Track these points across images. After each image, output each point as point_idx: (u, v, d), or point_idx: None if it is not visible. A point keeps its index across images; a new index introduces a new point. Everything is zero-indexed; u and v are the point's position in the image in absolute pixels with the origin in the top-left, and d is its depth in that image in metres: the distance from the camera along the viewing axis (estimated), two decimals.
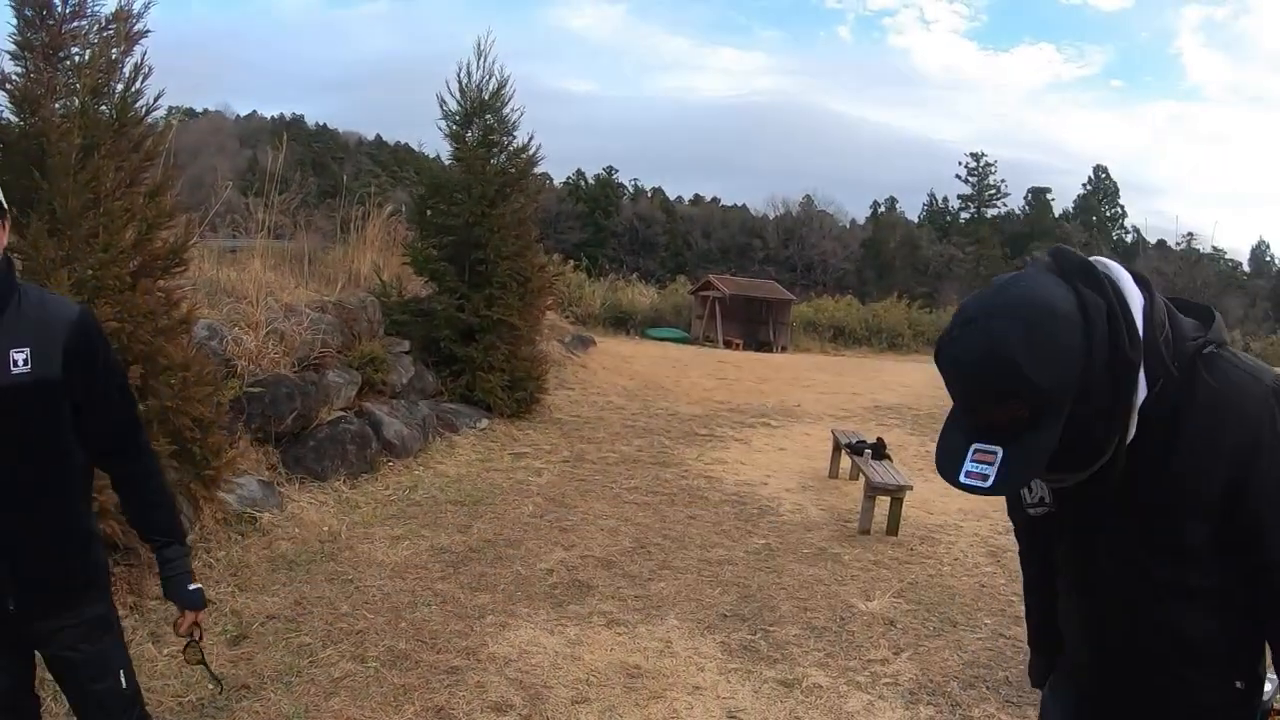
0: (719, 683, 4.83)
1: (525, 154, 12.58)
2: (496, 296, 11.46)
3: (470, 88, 12.34)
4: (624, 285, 39.08)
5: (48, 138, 5.30)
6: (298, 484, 7.73)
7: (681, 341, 31.54)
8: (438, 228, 12.12)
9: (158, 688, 4.51)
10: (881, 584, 6.51)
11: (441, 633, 5.33)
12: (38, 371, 2.41)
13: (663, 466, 9.98)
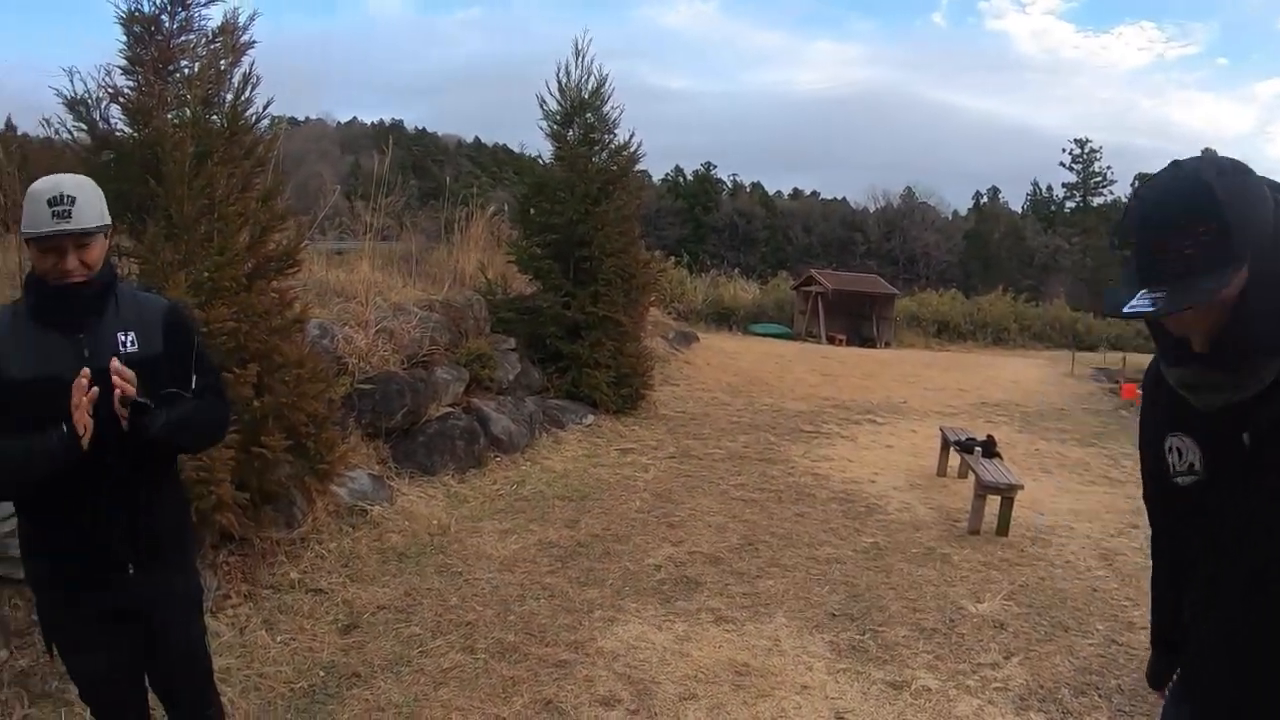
0: (827, 683, 4.77)
1: (626, 151, 12.59)
2: (602, 293, 11.49)
3: (570, 87, 12.38)
4: (725, 281, 38.97)
5: (162, 146, 5.49)
6: (407, 478, 7.85)
7: (784, 337, 31.26)
8: (541, 226, 12.19)
9: (270, 674, 4.65)
10: (991, 586, 6.35)
11: (550, 626, 5.37)
12: (144, 350, 2.76)
13: (769, 463, 9.89)
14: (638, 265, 12.36)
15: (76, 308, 2.66)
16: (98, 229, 2.64)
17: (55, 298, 2.65)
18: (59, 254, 2.59)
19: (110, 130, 5.93)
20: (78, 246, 2.60)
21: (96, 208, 2.65)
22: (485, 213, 14.28)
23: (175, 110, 5.84)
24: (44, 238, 2.56)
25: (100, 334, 2.69)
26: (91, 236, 2.63)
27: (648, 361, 12.70)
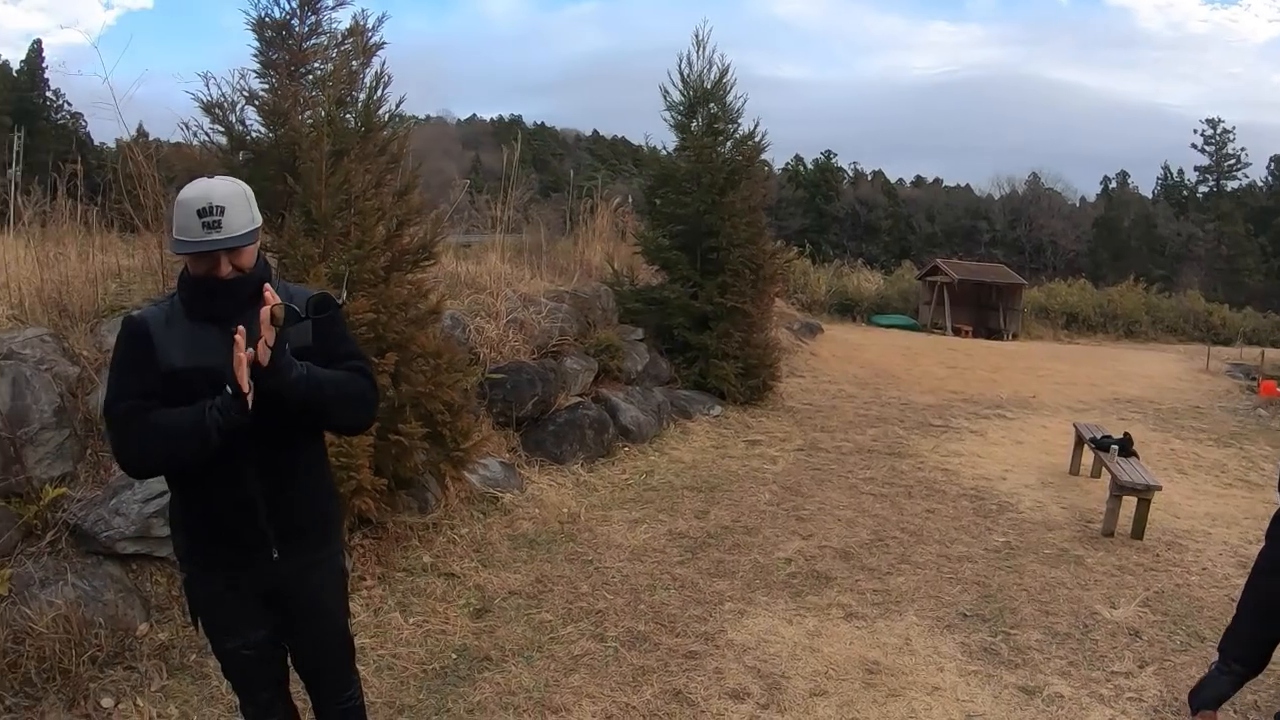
0: (958, 685, 4.70)
1: (751, 141, 12.51)
2: (729, 284, 11.47)
3: (692, 78, 12.37)
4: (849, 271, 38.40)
5: (299, 146, 5.70)
6: (537, 466, 8.01)
7: (909, 328, 30.60)
8: (668, 217, 12.28)
9: (404, 654, 4.80)
10: (1126, 591, 6.15)
11: (680, 617, 5.42)
12: (294, 341, 2.78)
13: (898, 457, 9.78)
14: (765, 256, 12.27)
15: (230, 304, 2.73)
16: (247, 238, 2.71)
17: (208, 294, 2.74)
18: (212, 262, 2.68)
19: (246, 131, 6.18)
20: (229, 252, 2.69)
21: (246, 214, 2.73)
22: (609, 204, 14.38)
23: (309, 111, 6.05)
24: (197, 250, 2.65)
25: (253, 327, 2.67)
26: (242, 244, 2.72)
27: (774, 353, 12.64)
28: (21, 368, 5.18)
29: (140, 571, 5.17)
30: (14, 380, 5.08)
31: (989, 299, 34.45)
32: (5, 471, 4.94)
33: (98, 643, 4.48)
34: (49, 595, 4.53)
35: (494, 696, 4.46)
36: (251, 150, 6.16)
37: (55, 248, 6.87)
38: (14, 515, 4.88)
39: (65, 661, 4.31)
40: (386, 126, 6.35)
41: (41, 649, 4.29)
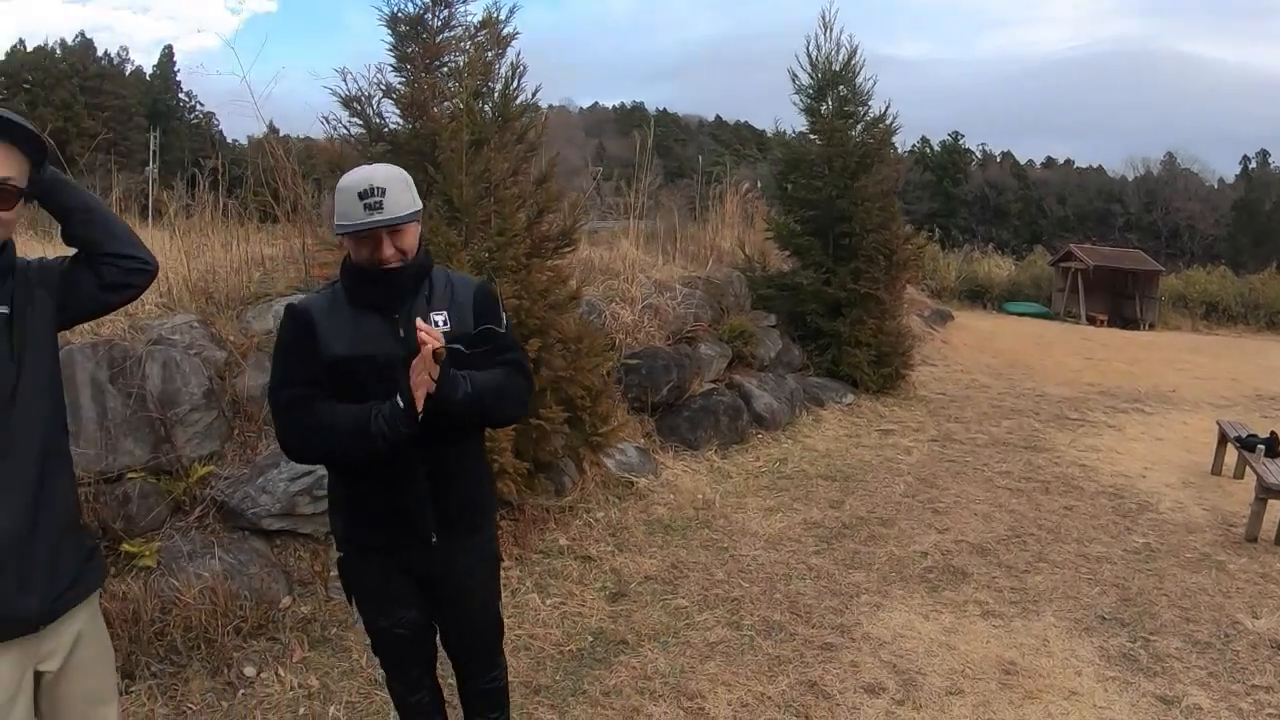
0: (1095, 690, 4.50)
1: (882, 124, 12.25)
2: (863, 270, 11.25)
3: (820, 60, 12.16)
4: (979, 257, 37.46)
5: (440, 136, 5.77)
6: (671, 452, 8.00)
7: (1041, 317, 29.64)
8: (799, 202, 12.10)
9: (540, 635, 4.83)
10: (1270, 601, 5.79)
11: (816, 608, 5.33)
12: (457, 330, 2.86)
13: (1034, 451, 9.48)
14: (898, 241, 12.01)
15: (392, 292, 2.79)
16: (409, 216, 2.72)
17: (371, 283, 2.77)
18: (374, 244, 2.70)
19: (383, 123, 6.31)
20: (392, 234, 2.71)
21: (406, 196, 2.74)
22: (739, 189, 14.27)
23: (448, 102, 6.14)
24: (358, 231, 2.68)
25: (415, 314, 2.76)
26: (404, 224, 2.73)
27: (907, 340, 12.41)
28: (171, 352, 5.36)
29: (284, 547, 5.34)
30: (164, 364, 5.26)
31: (1125, 286, 33.17)
32: (156, 450, 5.13)
33: (242, 614, 4.63)
34: (196, 568, 4.70)
35: (629, 680, 4.45)
36: (389, 142, 6.27)
37: (200, 239, 7.10)
38: (164, 492, 5.07)
39: (210, 631, 4.47)
40: (523, 115, 6.40)
41: (188, 619, 4.45)
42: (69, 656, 2.45)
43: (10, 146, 2.20)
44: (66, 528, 2.41)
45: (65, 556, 2.39)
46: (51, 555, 2.34)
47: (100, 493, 4.80)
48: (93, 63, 61.70)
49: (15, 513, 2.25)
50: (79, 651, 2.47)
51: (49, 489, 2.34)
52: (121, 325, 5.53)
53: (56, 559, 2.35)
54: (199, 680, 4.28)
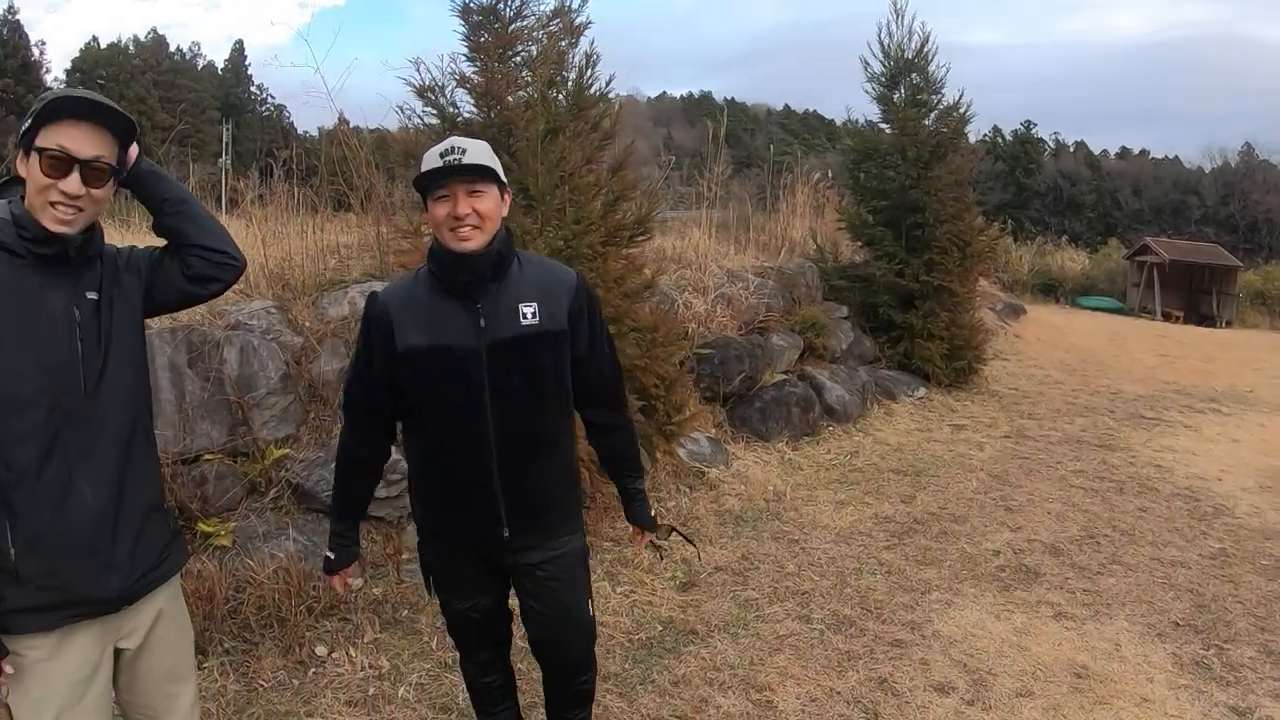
0: (1167, 698, 4.37)
1: (956, 112, 12.03)
2: (936, 261, 11.07)
3: (892, 48, 11.96)
4: (1052, 250, 36.83)
5: (514, 125, 5.80)
6: (743, 443, 7.97)
7: (1115, 312, 29.12)
8: (871, 192, 11.92)
9: (610, 623, 4.82)
10: None
11: (886, 603, 5.28)
12: (546, 323, 2.77)
13: (1109, 450, 9.28)
14: (972, 232, 11.80)
15: (472, 278, 2.70)
16: (488, 169, 2.66)
17: (452, 265, 2.70)
18: (452, 201, 2.64)
19: (457, 113, 6.34)
20: (470, 193, 2.65)
21: (488, 157, 2.69)
22: (811, 179, 14.15)
23: (522, 91, 6.17)
24: (434, 173, 2.63)
25: (499, 304, 2.73)
26: (482, 179, 2.67)
27: (980, 334, 12.16)
28: (249, 337, 5.46)
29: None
30: (242, 349, 5.36)
31: (1201, 282, 32.46)
32: (233, 433, 5.23)
33: (315, 594, 4.70)
34: (270, 548, 4.78)
35: (699, 671, 4.44)
36: (464, 131, 6.28)
37: (275, 227, 7.21)
38: (240, 473, 5.18)
39: (283, 610, 4.54)
40: (597, 104, 6.40)
41: (261, 598, 4.53)
42: (148, 634, 2.49)
43: (99, 127, 2.22)
44: (150, 511, 2.45)
45: (148, 539, 2.42)
46: (134, 538, 2.37)
47: (177, 474, 4.90)
48: (165, 58, 63.07)
49: (101, 495, 2.28)
50: (158, 629, 2.51)
51: (134, 472, 2.37)
52: (200, 311, 5.62)
53: (139, 541, 2.38)
54: (271, 658, 4.34)
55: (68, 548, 2.25)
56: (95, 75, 57.74)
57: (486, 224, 2.68)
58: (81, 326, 2.28)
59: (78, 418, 2.25)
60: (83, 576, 2.27)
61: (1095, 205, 67.28)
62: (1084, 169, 69.96)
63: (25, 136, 2.19)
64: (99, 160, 2.21)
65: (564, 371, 2.85)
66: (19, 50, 54.76)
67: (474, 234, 2.66)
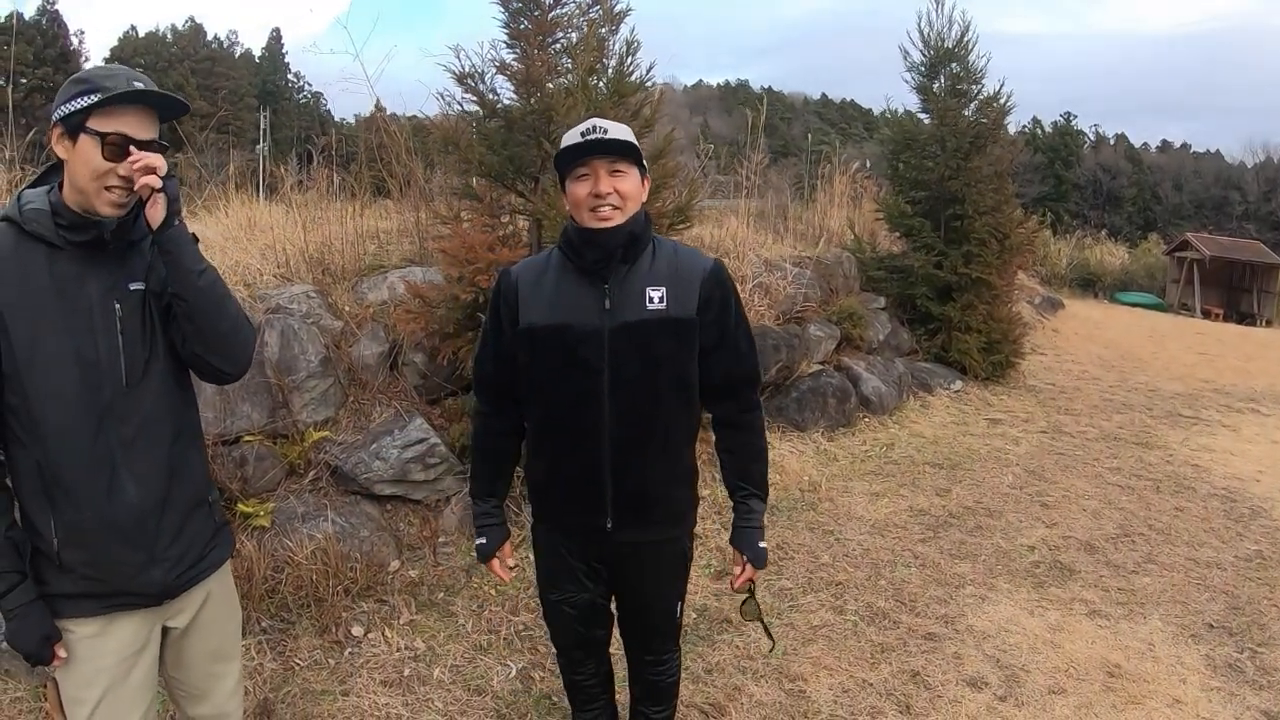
0: (1200, 700, 4.33)
1: (996, 103, 11.80)
2: (975, 253, 10.95)
3: (932, 36, 11.78)
4: (1091, 244, 36.47)
5: (554, 112, 5.80)
6: (779, 433, 7.94)
7: (1154, 308, 28.75)
8: (910, 182, 11.79)
9: None
10: None
11: (920, 596, 5.26)
12: (673, 310, 2.69)
13: (1145, 448, 9.16)
14: (1011, 224, 11.61)
15: (601, 255, 2.65)
16: (631, 148, 2.61)
17: (582, 241, 2.66)
18: (593, 179, 2.61)
19: (497, 99, 6.37)
20: (612, 172, 2.62)
21: (631, 137, 2.64)
22: (849, 169, 14.08)
23: (562, 78, 6.18)
24: (574, 149, 2.61)
25: (627, 286, 2.68)
26: (624, 159, 2.64)
27: (1018, 328, 12.00)
28: (289, 321, 5.52)
29: (395, 512, 5.47)
30: (282, 332, 5.43)
31: (1242, 280, 32.06)
32: (272, 415, 5.29)
33: (352, 575, 4.76)
34: (309, 529, 4.85)
35: (732, 659, 4.45)
36: (503, 118, 6.34)
37: (315, 213, 7.27)
38: (280, 455, 5.24)
39: (320, 591, 4.60)
40: (637, 91, 6.39)
41: (299, 578, 4.59)
42: (196, 615, 2.52)
43: (150, 108, 2.24)
44: (194, 506, 2.46)
45: (191, 534, 2.44)
46: (177, 533, 2.39)
47: (218, 455, 4.97)
48: (203, 46, 63.65)
49: (144, 490, 2.30)
50: (206, 611, 2.54)
51: (178, 467, 2.39)
52: (240, 294, 5.69)
53: (182, 536, 2.40)
54: (307, 638, 4.41)
55: (110, 542, 2.27)
56: (134, 63, 58.52)
57: (628, 204, 2.66)
58: (123, 319, 2.27)
59: (120, 411, 2.26)
60: (125, 571, 2.30)
61: (1135, 199, 66.56)
62: (1124, 162, 69.22)
63: (72, 118, 2.15)
64: (154, 143, 2.22)
65: (688, 363, 2.76)
66: (58, 40, 55.50)
67: (614, 214, 2.63)
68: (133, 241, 2.33)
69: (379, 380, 5.91)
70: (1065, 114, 73.58)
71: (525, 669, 4.30)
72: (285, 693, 4.01)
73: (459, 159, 6.32)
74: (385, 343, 5.98)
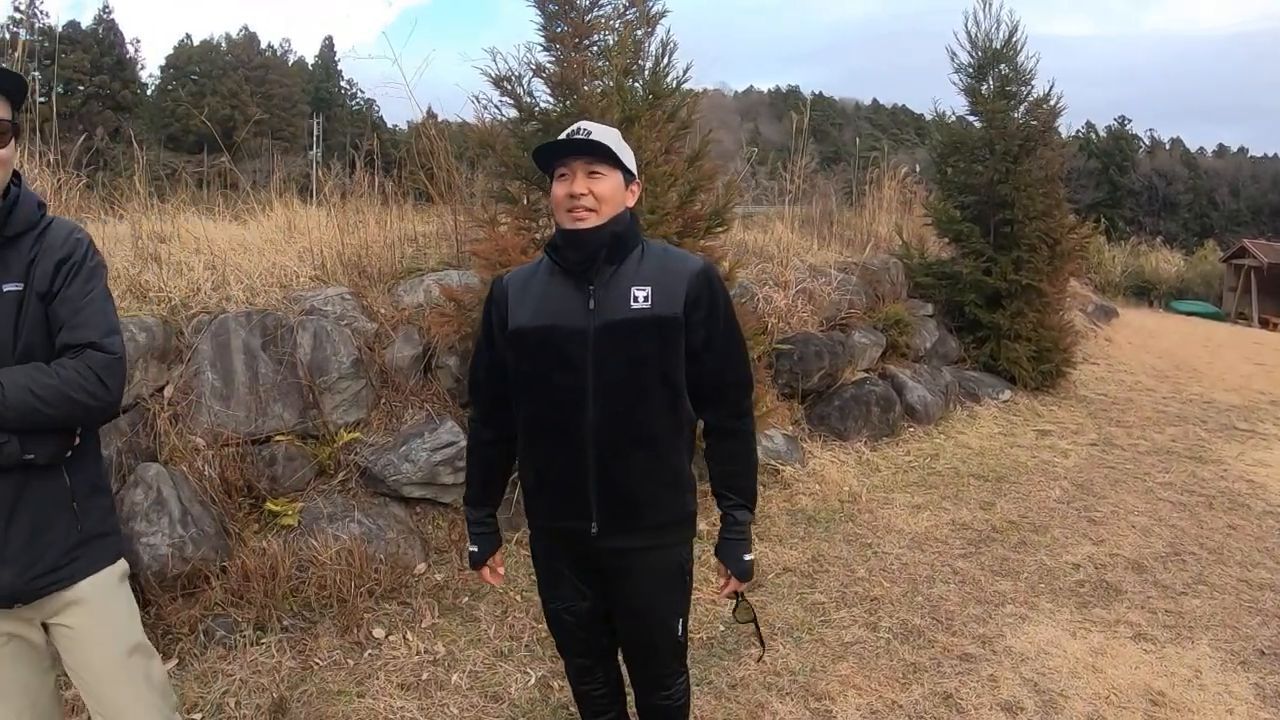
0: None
1: (1046, 104, 11.58)
2: (1025, 260, 10.76)
3: (980, 38, 11.61)
4: (1146, 250, 35.88)
5: (590, 114, 5.74)
6: (820, 441, 7.86)
7: (1210, 317, 28.21)
8: (959, 186, 11.63)
9: None
10: None
11: (958, 615, 5.11)
12: (658, 308, 2.63)
13: (1199, 462, 8.89)
14: (1062, 230, 11.39)
15: (585, 254, 2.64)
16: (607, 150, 2.59)
17: (565, 243, 2.66)
18: (570, 178, 2.62)
19: (534, 102, 6.38)
20: (589, 174, 2.61)
21: (615, 141, 2.64)
22: (897, 174, 13.93)
23: (598, 80, 6.16)
24: (552, 148, 2.62)
25: (612, 286, 2.66)
26: (602, 161, 2.63)
27: (1069, 336, 11.78)
28: (322, 322, 5.54)
29: (423, 515, 5.48)
30: (315, 334, 5.44)
31: None
32: (303, 415, 5.31)
33: (376, 577, 4.76)
34: (335, 530, 4.85)
35: (758, 674, 4.35)
36: (540, 121, 6.34)
37: (355, 216, 7.30)
38: (309, 455, 5.26)
39: (344, 591, 4.60)
40: (674, 93, 6.34)
41: (323, 578, 4.60)
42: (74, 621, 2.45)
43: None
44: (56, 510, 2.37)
45: (47, 541, 2.35)
46: (28, 537, 2.30)
47: (247, 453, 5.00)
48: (256, 54, 64.77)
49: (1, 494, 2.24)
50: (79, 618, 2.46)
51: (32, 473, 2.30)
52: (276, 295, 5.71)
53: (34, 541, 2.32)
54: (328, 638, 4.40)
55: None
56: (189, 71, 59.66)
57: (603, 207, 2.63)
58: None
59: None
60: None
61: (1191, 205, 65.60)
62: (1180, 167, 68.32)
63: None
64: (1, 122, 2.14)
65: (674, 363, 2.69)
66: (114, 48, 56.77)
67: (589, 216, 2.62)
68: (9, 238, 2.25)
69: (412, 383, 5.90)
70: (1119, 118, 72.82)
71: (545, 677, 4.23)
72: (301, 691, 4.00)
73: (496, 161, 6.32)
74: (419, 345, 5.97)
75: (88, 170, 6.85)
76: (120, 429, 4.69)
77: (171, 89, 59.21)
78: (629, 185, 2.74)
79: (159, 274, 5.66)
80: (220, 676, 4.04)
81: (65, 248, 2.32)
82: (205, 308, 5.43)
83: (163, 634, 4.19)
